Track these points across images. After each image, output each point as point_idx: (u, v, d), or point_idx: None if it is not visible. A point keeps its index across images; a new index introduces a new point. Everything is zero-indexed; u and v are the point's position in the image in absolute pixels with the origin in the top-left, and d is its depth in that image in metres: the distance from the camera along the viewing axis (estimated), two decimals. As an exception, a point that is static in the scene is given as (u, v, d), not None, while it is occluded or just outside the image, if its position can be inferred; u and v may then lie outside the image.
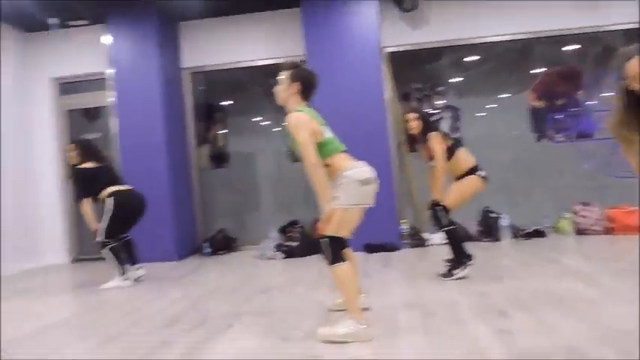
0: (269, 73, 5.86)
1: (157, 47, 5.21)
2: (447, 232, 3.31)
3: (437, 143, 3.31)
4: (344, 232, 2.29)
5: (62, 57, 5.68)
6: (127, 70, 5.25)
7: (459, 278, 3.20)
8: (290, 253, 4.93)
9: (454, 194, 3.36)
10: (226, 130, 6.31)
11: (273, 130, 6.26)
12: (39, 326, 2.89)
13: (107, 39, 5.28)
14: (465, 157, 3.38)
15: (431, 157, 3.38)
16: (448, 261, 3.33)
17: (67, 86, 5.80)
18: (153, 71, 5.19)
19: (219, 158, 6.25)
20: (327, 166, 2.28)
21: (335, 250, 2.23)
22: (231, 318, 2.73)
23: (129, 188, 4.05)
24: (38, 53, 5.72)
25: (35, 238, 5.56)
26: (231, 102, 6.43)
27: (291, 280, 3.78)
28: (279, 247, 5.02)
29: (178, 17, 5.60)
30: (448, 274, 3.26)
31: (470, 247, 3.44)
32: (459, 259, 3.27)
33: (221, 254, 5.45)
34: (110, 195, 3.88)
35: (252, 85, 6.22)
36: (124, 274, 3.91)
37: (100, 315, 3.13)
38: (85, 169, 3.96)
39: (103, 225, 3.86)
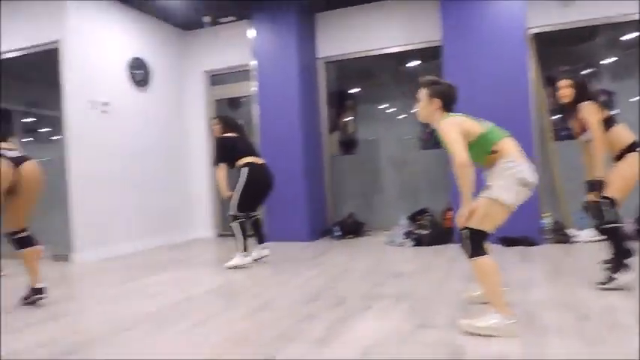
0: (401, 59, 5.95)
1: (296, 39, 5.48)
2: (609, 231, 2.76)
3: (591, 113, 2.78)
4: (487, 227, 2.19)
5: (213, 51, 6.28)
6: (268, 61, 5.60)
7: (619, 288, 2.70)
8: (419, 241, 4.90)
9: (617, 181, 2.73)
10: (355, 118, 6.46)
11: (399, 117, 6.24)
12: (193, 293, 3.30)
13: (251, 33, 5.69)
14: (623, 132, 2.81)
15: (583, 130, 2.88)
16: (606, 262, 2.83)
17: (216, 78, 6.41)
18: (291, 62, 5.47)
19: (349, 145, 6.43)
20: (493, 153, 2.21)
21: (475, 242, 2.17)
22: (368, 300, 2.82)
23: (263, 162, 4.22)
24: (194, 48, 6.39)
25: (189, 214, 6.29)
26: (361, 89, 6.53)
27: (423, 268, 3.77)
28: (408, 235, 5.02)
29: (316, 9, 5.81)
30: (609, 281, 2.75)
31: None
32: (620, 261, 2.74)
33: (350, 238, 5.62)
34: (245, 165, 4.07)
35: (383, 73, 6.26)
36: (245, 250, 4.02)
37: (243, 287, 3.43)
38: (224, 137, 4.19)
39: (236, 197, 4.02)
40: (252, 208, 4.23)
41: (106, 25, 5.22)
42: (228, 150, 4.12)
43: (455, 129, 2.19)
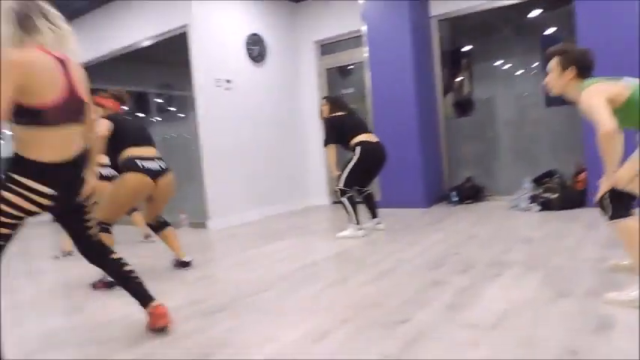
0: (520, 10, 5.44)
1: (407, -2, 5.29)
2: None
3: None
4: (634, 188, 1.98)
5: (323, 21, 6.33)
6: (379, 25, 5.49)
7: None
8: (547, 205, 4.58)
9: None
10: (470, 77, 6.10)
11: (517, 73, 5.76)
12: (316, 259, 3.47)
13: (360, -2, 5.61)
14: None
15: None
16: None
17: (326, 47, 6.47)
18: (403, 23, 5.30)
19: (464, 106, 6.13)
20: None
21: (617, 203, 1.97)
22: (497, 266, 2.74)
23: (376, 140, 4.13)
24: (304, 20, 6.49)
25: (305, 182, 6.56)
26: (476, 46, 6.13)
27: (554, 234, 3.53)
28: (534, 199, 4.72)
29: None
30: None
31: None
32: None
33: (469, 203, 5.44)
34: (358, 143, 4.03)
35: (500, 27, 5.80)
36: (358, 223, 4.01)
37: (364, 254, 3.52)
38: (333, 117, 4.15)
39: (345, 173, 4.01)
40: (361, 184, 4.20)
41: (226, 5, 5.51)
42: (337, 130, 4.09)
43: (598, 96, 1.93)
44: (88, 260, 2.11)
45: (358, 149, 4.01)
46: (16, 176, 1.70)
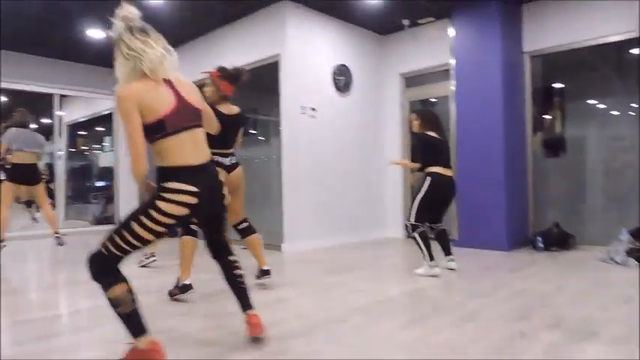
0: (619, 48, 5.12)
1: (500, 33, 5.15)
2: None
3: None
4: None
5: (408, 53, 6.36)
6: (468, 59, 5.41)
7: None
8: (647, 261, 4.18)
9: None
10: (563, 115, 5.79)
11: (612, 113, 5.38)
12: (392, 294, 3.39)
13: (451, 32, 5.56)
14: None
15: None
16: None
17: (411, 80, 6.47)
18: (494, 58, 5.17)
19: (555, 145, 5.81)
20: None
21: None
22: (592, 324, 2.52)
23: (450, 175, 3.96)
24: (391, 52, 6.56)
25: (381, 213, 6.51)
26: (569, 84, 5.82)
27: (659, 295, 3.20)
28: (631, 252, 4.33)
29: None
30: None
31: None
32: None
33: (554, 251, 5.09)
34: (430, 174, 3.86)
35: (597, 64, 5.48)
36: (432, 259, 3.80)
37: (441, 294, 3.39)
38: (427, 135, 3.93)
39: (415, 207, 3.85)
40: (433, 219, 4.05)
41: (316, 36, 5.73)
42: (429, 149, 3.90)
43: None
44: (212, 255, 2.31)
45: (429, 180, 3.86)
46: (163, 184, 1.91)
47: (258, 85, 6.68)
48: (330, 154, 5.80)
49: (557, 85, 5.86)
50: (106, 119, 8.75)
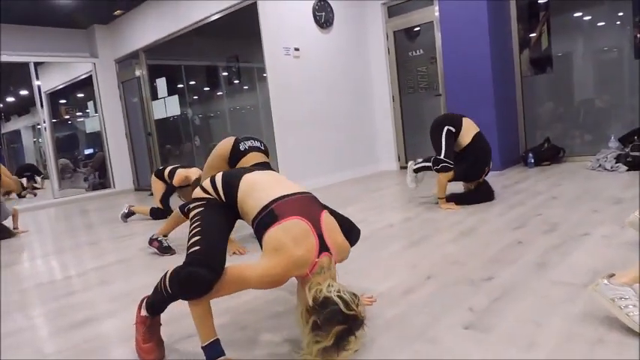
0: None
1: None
2: None
3: None
4: None
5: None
6: (450, -20, 5.27)
7: None
8: (636, 165, 4.30)
9: None
10: (549, 31, 5.71)
11: (599, 24, 5.31)
12: (394, 221, 3.51)
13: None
14: None
15: None
16: None
17: (394, 8, 6.32)
18: (476, -23, 5.05)
19: (542, 63, 5.79)
20: None
21: None
22: (584, 226, 2.65)
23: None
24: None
25: (374, 147, 6.56)
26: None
27: (647, 194, 3.33)
28: (620, 158, 4.45)
29: None
30: None
31: None
32: None
33: (546, 165, 5.22)
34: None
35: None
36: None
37: (442, 215, 3.51)
38: None
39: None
40: None
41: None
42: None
43: None
44: None
45: None
46: None
47: (237, 32, 6.52)
48: (319, 93, 5.76)
49: (542, 0, 5.74)
50: (85, 83, 8.55)
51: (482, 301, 1.80)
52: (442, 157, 3.62)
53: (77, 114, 9.96)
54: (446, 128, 3.65)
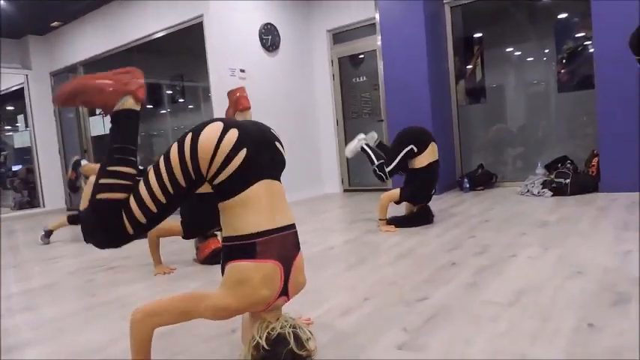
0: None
1: (420, -15, 5.28)
2: None
3: None
4: None
5: (336, 10, 6.36)
6: (392, 12, 5.51)
7: None
8: (559, 191, 4.62)
9: None
10: (482, 64, 6.10)
11: (528, 59, 5.76)
12: (334, 244, 3.54)
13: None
14: None
15: None
16: None
17: (338, 36, 6.51)
18: (417, 10, 5.30)
19: (477, 93, 6.15)
20: None
21: None
22: (513, 248, 2.80)
23: None
24: (317, 9, 6.52)
25: (318, 170, 6.63)
26: (487, 33, 6.12)
27: (569, 217, 3.57)
28: (546, 184, 4.76)
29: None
30: None
31: None
32: None
33: (480, 190, 5.49)
34: None
35: (514, 12, 5.79)
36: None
37: (380, 238, 3.59)
38: None
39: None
40: None
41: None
42: None
43: None
44: None
45: None
46: None
47: (183, 50, 6.45)
48: (264, 115, 5.71)
49: (477, 35, 6.13)
50: (16, 96, 8.08)
51: (416, 321, 1.84)
52: (387, 169, 3.71)
53: (5, 127, 9.36)
54: (410, 147, 3.71)
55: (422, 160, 3.75)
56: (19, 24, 7.03)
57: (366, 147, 3.97)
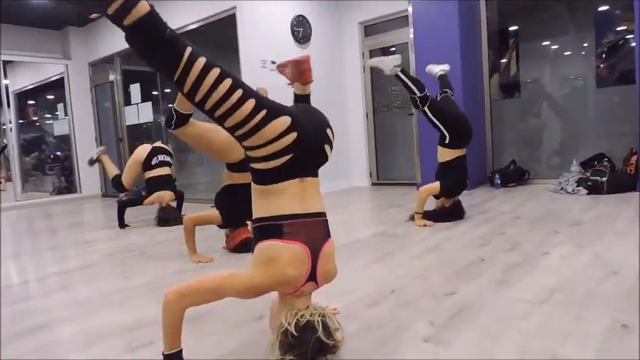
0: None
1: (455, -23, 5.18)
2: None
3: None
4: None
5: (367, 2, 6.31)
6: (425, 5, 5.43)
7: None
8: (595, 189, 4.48)
9: None
10: (517, 58, 5.95)
11: (565, 53, 5.57)
12: (360, 236, 3.54)
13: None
14: None
15: None
16: None
17: (370, 28, 6.46)
18: (450, 2, 5.21)
19: (511, 88, 6.01)
20: None
21: None
22: (545, 246, 2.74)
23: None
24: (349, 2, 6.48)
25: (347, 163, 6.62)
26: (523, 26, 5.95)
27: (605, 216, 3.47)
28: (581, 182, 4.62)
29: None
30: None
31: None
32: None
33: (511, 186, 5.38)
34: None
35: (550, 4, 5.61)
36: None
37: (408, 232, 3.57)
38: None
39: None
40: None
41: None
42: None
43: None
44: None
45: None
46: None
47: (214, 41, 6.52)
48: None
49: (512, 28, 5.98)
50: (56, 85, 8.36)
51: (442, 315, 1.83)
52: (427, 97, 3.68)
53: (46, 116, 9.71)
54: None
55: (452, 154, 3.82)
56: (61, 16, 7.25)
57: (401, 74, 3.75)
